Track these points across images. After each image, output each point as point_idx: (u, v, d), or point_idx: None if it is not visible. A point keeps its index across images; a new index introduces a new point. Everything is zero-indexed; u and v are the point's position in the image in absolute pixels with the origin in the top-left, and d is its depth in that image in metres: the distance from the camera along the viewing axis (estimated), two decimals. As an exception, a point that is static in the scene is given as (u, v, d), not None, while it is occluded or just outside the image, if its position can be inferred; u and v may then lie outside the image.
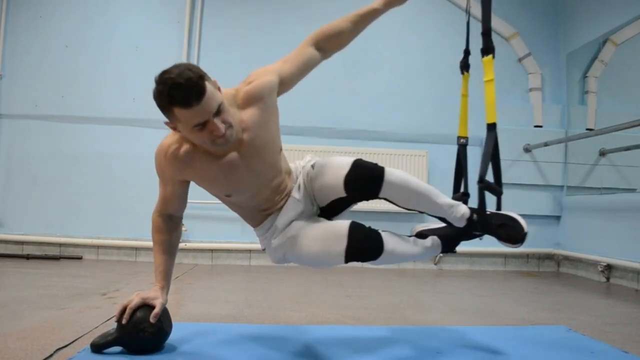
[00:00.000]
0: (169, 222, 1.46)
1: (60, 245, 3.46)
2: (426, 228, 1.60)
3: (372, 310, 2.12)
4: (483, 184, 1.46)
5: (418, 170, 3.53)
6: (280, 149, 1.45)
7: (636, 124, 2.63)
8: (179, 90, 1.18)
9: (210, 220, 3.52)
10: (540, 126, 3.71)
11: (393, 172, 1.40)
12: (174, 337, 1.46)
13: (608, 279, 3.11)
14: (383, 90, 3.70)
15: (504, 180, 1.58)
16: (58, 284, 2.45)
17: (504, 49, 3.70)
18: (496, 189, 1.51)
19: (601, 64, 3.49)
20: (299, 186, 1.52)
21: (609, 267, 3.10)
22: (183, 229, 3.45)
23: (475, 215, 1.48)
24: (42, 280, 2.56)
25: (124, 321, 1.35)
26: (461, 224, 1.49)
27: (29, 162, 3.53)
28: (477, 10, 4.07)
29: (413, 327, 1.83)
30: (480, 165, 1.48)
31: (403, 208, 1.49)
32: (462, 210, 1.48)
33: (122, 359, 1.33)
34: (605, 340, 1.67)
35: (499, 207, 1.54)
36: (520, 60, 3.76)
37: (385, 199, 1.43)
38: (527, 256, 3.70)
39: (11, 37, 3.56)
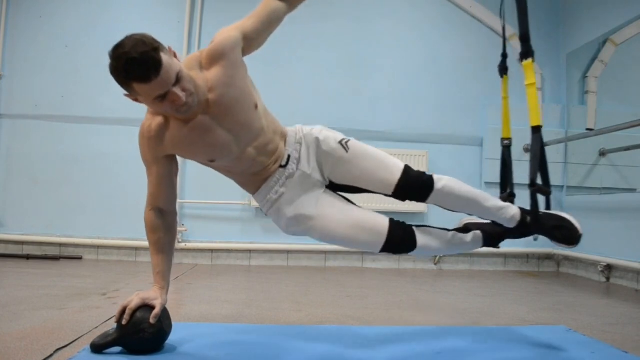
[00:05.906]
0: (161, 219, 1.44)
1: (60, 245, 3.46)
2: (474, 222, 1.63)
3: (372, 310, 2.12)
4: (535, 187, 1.50)
5: (418, 171, 3.53)
6: (256, 106, 1.38)
7: (636, 124, 2.63)
8: (135, 65, 1.16)
9: (210, 220, 3.52)
10: (541, 126, 3.70)
11: (442, 184, 1.45)
12: (174, 337, 1.46)
13: (608, 279, 3.11)
14: (383, 90, 3.70)
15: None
16: (58, 284, 2.45)
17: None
18: (545, 190, 1.54)
19: (601, 64, 3.49)
20: (308, 158, 1.47)
21: (609, 267, 3.10)
22: (183, 229, 3.48)
23: (528, 218, 1.51)
24: (42, 280, 2.56)
25: (124, 322, 1.35)
26: (511, 224, 1.52)
27: (29, 162, 3.53)
28: (478, 11, 4.04)
29: (413, 327, 1.83)
30: (530, 169, 1.51)
31: (450, 211, 1.53)
32: (512, 211, 1.52)
33: (122, 359, 1.33)
34: (605, 340, 1.67)
35: (548, 207, 1.56)
36: (520, 60, 3.75)
37: (432, 203, 1.49)
38: (527, 256, 3.70)
39: (11, 37, 3.56)
